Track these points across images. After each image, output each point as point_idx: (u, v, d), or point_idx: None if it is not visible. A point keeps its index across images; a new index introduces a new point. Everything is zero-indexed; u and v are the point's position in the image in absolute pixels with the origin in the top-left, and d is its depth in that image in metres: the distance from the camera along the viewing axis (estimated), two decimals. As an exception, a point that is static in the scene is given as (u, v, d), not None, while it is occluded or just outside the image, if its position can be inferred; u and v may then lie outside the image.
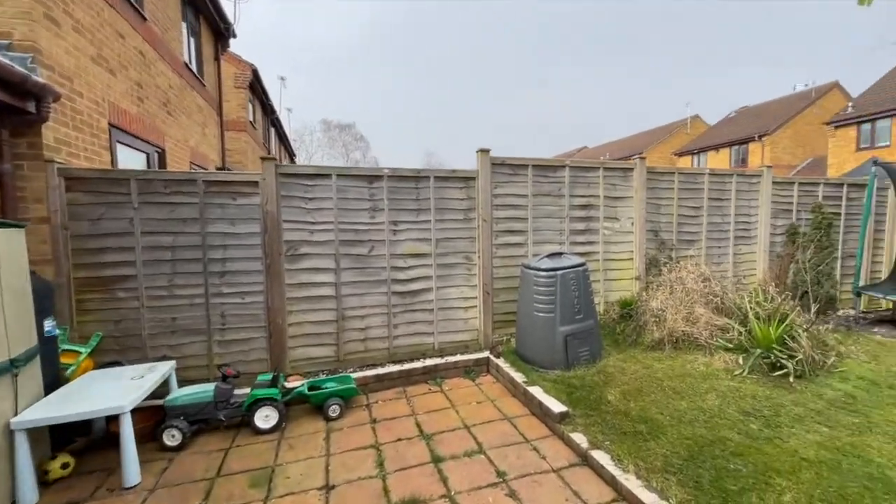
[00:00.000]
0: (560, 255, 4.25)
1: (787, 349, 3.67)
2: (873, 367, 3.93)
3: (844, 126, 18.10)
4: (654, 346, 4.32)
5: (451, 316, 4.68)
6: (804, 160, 22.67)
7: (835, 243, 6.22)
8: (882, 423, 2.92)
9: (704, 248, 5.86)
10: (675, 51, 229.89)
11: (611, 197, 5.33)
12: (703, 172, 5.85)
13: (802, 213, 6.39)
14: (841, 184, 6.61)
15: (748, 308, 4.11)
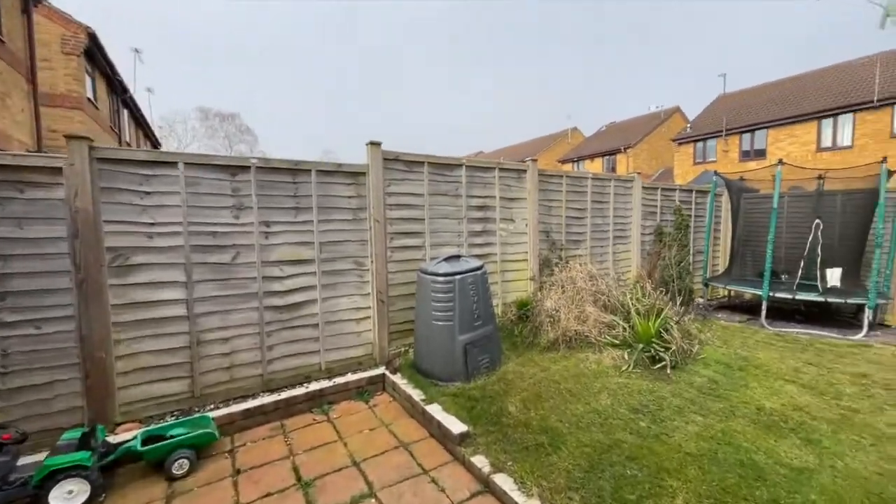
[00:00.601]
0: (458, 258, 3.99)
1: (663, 342, 3.95)
2: (724, 350, 4.47)
3: (685, 143, 21.79)
4: (549, 347, 4.34)
5: (341, 329, 4.12)
6: (657, 170, 26.78)
7: (691, 241, 7.16)
8: (740, 405, 3.22)
9: (589, 247, 6.23)
10: (560, 64, 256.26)
11: (506, 198, 5.30)
12: (587, 176, 6.21)
13: (665, 216, 7.24)
14: (690, 190, 7.67)
15: (630, 305, 4.37)
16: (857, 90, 16.15)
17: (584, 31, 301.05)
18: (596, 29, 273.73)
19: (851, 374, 3.87)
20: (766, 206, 7.05)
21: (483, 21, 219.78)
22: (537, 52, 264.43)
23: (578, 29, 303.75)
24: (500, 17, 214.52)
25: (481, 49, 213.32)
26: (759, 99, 20.25)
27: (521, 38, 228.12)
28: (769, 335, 5.26)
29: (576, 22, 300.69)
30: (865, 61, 17.51)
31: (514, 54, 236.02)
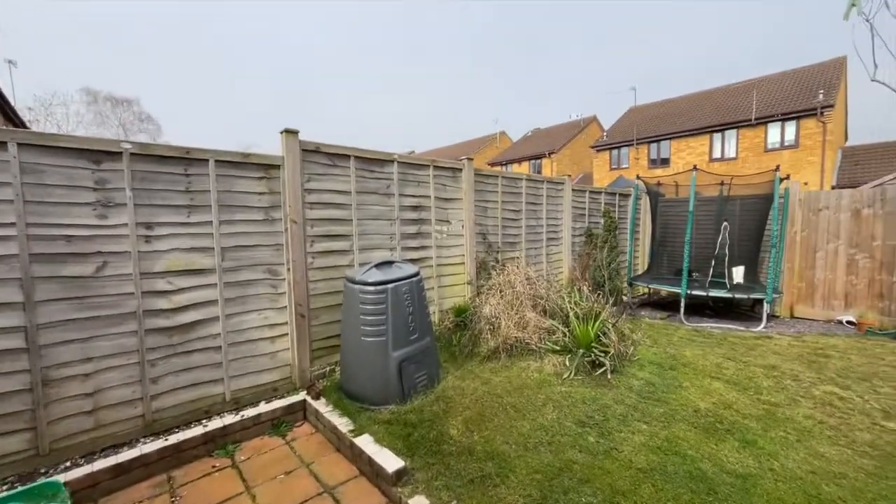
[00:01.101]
0: (391, 263, 3.56)
1: (602, 346, 3.89)
2: (655, 350, 4.59)
3: (602, 150, 23.46)
4: (490, 356, 4.09)
5: (252, 350, 3.46)
6: (578, 175, 28.56)
7: (619, 243, 7.45)
8: (678, 408, 3.22)
9: (524, 249, 6.15)
10: (490, 68, 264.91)
11: (442, 198, 4.97)
12: (521, 178, 6.13)
13: (593, 218, 7.47)
14: (614, 193, 8.02)
15: (569, 308, 4.29)
16: (739, 109, 18.56)
17: (516, 35, 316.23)
18: (526, 35, 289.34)
19: (763, 367, 4.14)
20: (678, 210, 7.59)
21: (422, 22, 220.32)
22: (469, 55, 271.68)
23: (509, 34, 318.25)
24: (441, 19, 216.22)
25: (415, 50, 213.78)
26: (663, 112, 22.47)
27: (453, 40, 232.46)
28: (689, 331, 5.57)
29: (507, 28, 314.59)
30: (745, 85, 20.24)
31: (448, 57, 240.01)
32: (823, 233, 6.63)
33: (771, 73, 20.21)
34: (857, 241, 6.38)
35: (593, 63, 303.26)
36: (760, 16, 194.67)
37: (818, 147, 16.14)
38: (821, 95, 16.29)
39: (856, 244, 6.39)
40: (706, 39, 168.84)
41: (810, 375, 3.93)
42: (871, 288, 6.29)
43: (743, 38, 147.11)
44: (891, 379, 3.86)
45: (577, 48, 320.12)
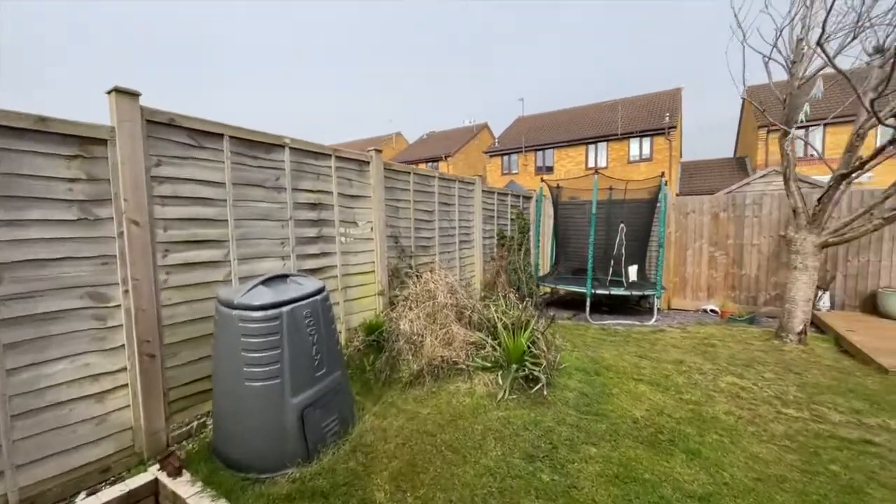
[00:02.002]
0: (285, 278, 2.71)
1: (533, 358, 3.58)
2: (577, 354, 4.50)
3: (495, 156, 24.58)
4: (412, 381, 3.47)
5: (61, 419, 2.28)
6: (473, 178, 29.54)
7: (532, 245, 7.44)
8: (618, 421, 3.03)
9: (438, 253, 5.68)
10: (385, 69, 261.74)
11: (347, 195, 4.20)
12: (434, 175, 5.64)
13: (502, 220, 7.37)
14: (518, 196, 8.09)
15: (496, 319, 3.91)
16: (608, 125, 21.11)
17: (413, 39, 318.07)
18: (422, 39, 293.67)
19: (671, 363, 4.32)
20: (576, 212, 7.96)
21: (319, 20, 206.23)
22: (363, 54, 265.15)
23: (407, 37, 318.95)
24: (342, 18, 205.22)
25: (311, 48, 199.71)
26: (547, 123, 24.49)
27: (345, 38, 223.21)
28: (597, 330, 5.72)
29: (405, 31, 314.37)
30: (612, 104, 23.16)
31: (341, 54, 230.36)
32: (692, 233, 7.54)
33: (631, 96, 23.50)
34: (716, 239, 7.38)
35: (481, 72, 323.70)
36: (615, 47, 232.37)
37: (667, 160, 19.15)
38: (667, 118, 19.38)
39: (715, 242, 7.39)
40: (586, 61, 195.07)
41: (710, 367, 4.20)
42: (727, 280, 7.33)
43: (612, 63, 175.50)
44: (767, 363, 4.33)
45: (467, 59, 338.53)
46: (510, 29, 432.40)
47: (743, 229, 7.12)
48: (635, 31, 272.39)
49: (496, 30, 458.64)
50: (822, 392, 3.58)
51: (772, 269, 6.94)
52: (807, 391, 3.60)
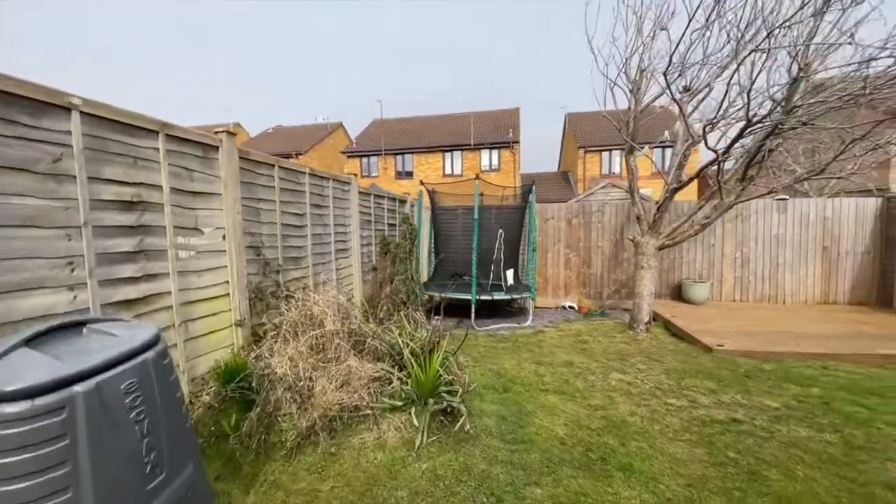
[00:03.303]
0: (79, 327, 1.58)
1: (448, 385, 3.10)
2: (480, 369, 4.22)
3: (353, 157, 23.49)
4: (302, 444, 2.59)
5: None
6: (328, 180, 27.71)
7: (418, 252, 6.91)
8: (547, 446, 2.79)
9: (311, 265, 4.71)
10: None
11: (186, 192, 2.99)
12: (304, 171, 4.66)
13: (379, 224, 6.71)
14: (395, 198, 7.56)
15: (402, 344, 3.28)
16: (462, 135, 22.38)
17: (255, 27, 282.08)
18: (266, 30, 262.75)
19: (564, 365, 4.43)
20: (451, 217, 7.87)
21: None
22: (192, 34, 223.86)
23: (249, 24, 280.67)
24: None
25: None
26: (404, 128, 24.61)
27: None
28: (486, 338, 5.62)
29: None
30: (465, 116, 24.70)
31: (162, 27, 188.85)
32: (552, 237, 8.26)
33: (481, 110, 25.50)
34: (570, 243, 8.24)
35: (331, 71, 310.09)
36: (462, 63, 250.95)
37: (512, 171, 21.33)
38: (511, 133, 21.61)
39: (569, 245, 8.25)
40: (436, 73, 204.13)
41: (595, 365, 4.44)
42: (579, 278, 8.26)
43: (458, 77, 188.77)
44: (633, 354, 4.84)
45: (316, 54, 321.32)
46: (361, 29, 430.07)
47: (591, 233, 8.12)
48: (477, 50, 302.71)
49: (346, 29, 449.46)
50: (682, 377, 4.10)
51: (612, 268, 8.09)
52: (673, 378, 4.07)
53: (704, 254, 7.83)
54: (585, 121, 24.12)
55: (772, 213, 7.59)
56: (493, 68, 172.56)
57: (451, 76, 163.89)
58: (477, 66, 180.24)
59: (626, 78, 5.70)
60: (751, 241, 7.68)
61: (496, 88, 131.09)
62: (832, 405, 3.45)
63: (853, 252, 7.38)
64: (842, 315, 6.54)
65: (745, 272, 7.73)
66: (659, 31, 4.93)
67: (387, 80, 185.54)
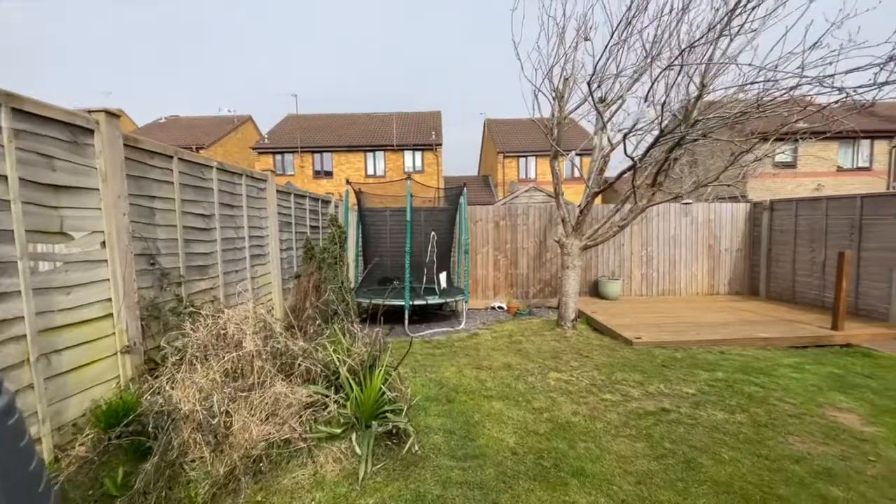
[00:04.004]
0: None
1: (391, 403, 2.82)
2: (421, 380, 3.99)
3: (265, 154, 21.64)
4: (218, 495, 2.11)
5: None
6: (235, 178, 25.16)
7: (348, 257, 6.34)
8: (499, 459, 2.67)
9: (222, 274, 4.07)
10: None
11: (43, 184, 2.32)
12: (212, 165, 4.01)
13: (300, 227, 6.11)
14: (318, 199, 6.99)
15: (337, 362, 2.91)
16: (385, 135, 21.90)
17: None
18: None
19: (503, 368, 4.39)
20: (379, 219, 7.53)
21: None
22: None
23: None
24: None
25: None
26: (322, 126, 23.35)
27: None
28: (421, 344, 5.40)
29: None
30: (388, 116, 24.22)
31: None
32: (480, 239, 8.34)
33: (404, 111, 25.19)
34: (498, 245, 8.39)
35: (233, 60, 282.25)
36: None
37: (435, 173, 21.41)
38: (433, 135, 21.71)
39: (497, 247, 8.40)
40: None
41: (532, 366, 4.48)
42: (507, 279, 8.45)
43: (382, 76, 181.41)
44: (565, 352, 5.00)
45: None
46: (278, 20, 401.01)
47: (517, 235, 8.36)
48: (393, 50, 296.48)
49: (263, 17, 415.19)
50: (611, 371, 4.31)
51: (536, 268, 8.42)
52: (604, 373, 4.26)
53: (616, 253, 8.52)
54: (504, 127, 25.21)
55: (669, 216, 8.53)
56: (412, 69, 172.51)
57: (370, 75, 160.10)
58: (394, 65, 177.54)
59: (551, 85, 5.93)
60: (653, 242, 8.55)
61: (415, 90, 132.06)
62: (735, 387, 3.86)
63: (731, 249, 8.61)
64: (726, 304, 7.55)
65: (650, 269, 8.58)
66: (583, 41, 5.18)
67: (300, 74, 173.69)
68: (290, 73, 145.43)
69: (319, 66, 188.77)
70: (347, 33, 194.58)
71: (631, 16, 5.00)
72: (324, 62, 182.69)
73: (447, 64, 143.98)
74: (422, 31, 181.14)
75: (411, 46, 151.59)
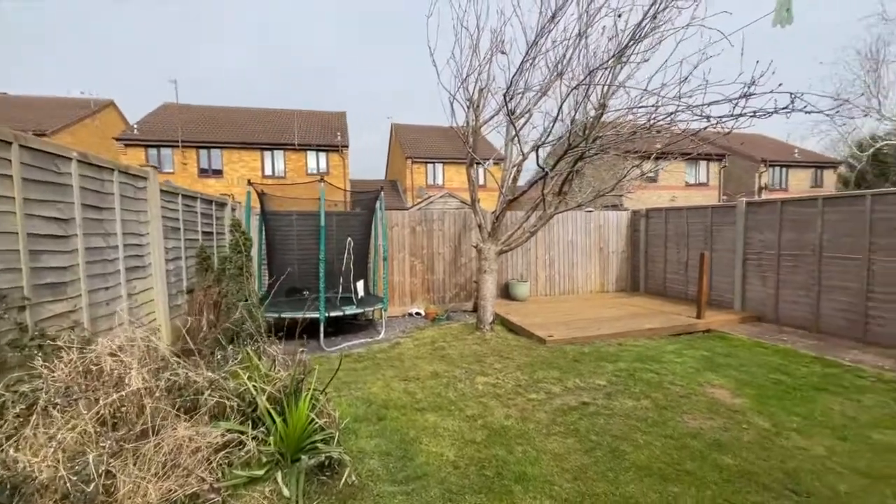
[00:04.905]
0: None
1: (322, 431, 2.51)
2: (347, 399, 3.68)
3: (134, 146, 18.41)
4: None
5: None
6: (92, 174, 20.96)
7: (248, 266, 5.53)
8: (440, 474, 2.55)
9: (86, 293, 3.26)
10: None
11: None
12: (70, 156, 3.20)
13: (190, 233, 5.25)
14: (211, 201, 6.11)
15: (254, 391, 2.48)
16: (285, 133, 20.33)
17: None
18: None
19: (430, 377, 4.30)
20: (285, 224, 6.89)
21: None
22: None
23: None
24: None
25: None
26: (208, 118, 20.77)
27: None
28: (341, 359, 5.03)
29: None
30: (288, 113, 22.52)
31: None
32: (397, 245, 8.15)
33: (306, 109, 23.68)
34: (414, 250, 8.31)
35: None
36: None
37: (342, 176, 20.54)
38: (339, 136, 20.83)
39: (413, 253, 8.31)
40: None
41: (459, 372, 4.47)
42: (423, 285, 8.41)
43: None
44: (488, 355, 5.10)
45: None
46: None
47: (433, 241, 8.38)
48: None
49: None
50: (533, 370, 4.51)
51: (452, 273, 8.53)
52: (526, 372, 4.43)
53: (523, 257, 9.07)
54: (412, 132, 25.31)
55: (567, 223, 9.37)
56: (315, 67, 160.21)
57: (267, 70, 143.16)
58: (296, 60, 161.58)
59: (466, 94, 6.07)
60: (555, 246, 9.31)
61: (316, 88, 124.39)
62: (636, 375, 4.33)
63: (617, 252, 9.80)
64: (616, 300, 8.54)
65: (552, 271, 9.31)
66: (499, 54, 5.40)
67: (179, 57, 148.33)
68: (169, 57, 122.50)
69: (210, 54, 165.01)
70: (242, 20, 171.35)
71: (537, 37, 5.36)
72: (212, 48, 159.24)
73: (351, 65, 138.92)
74: (322, 30, 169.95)
75: (308, 45, 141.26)
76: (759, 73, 3.91)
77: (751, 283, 7.03)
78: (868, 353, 5.01)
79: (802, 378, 4.19)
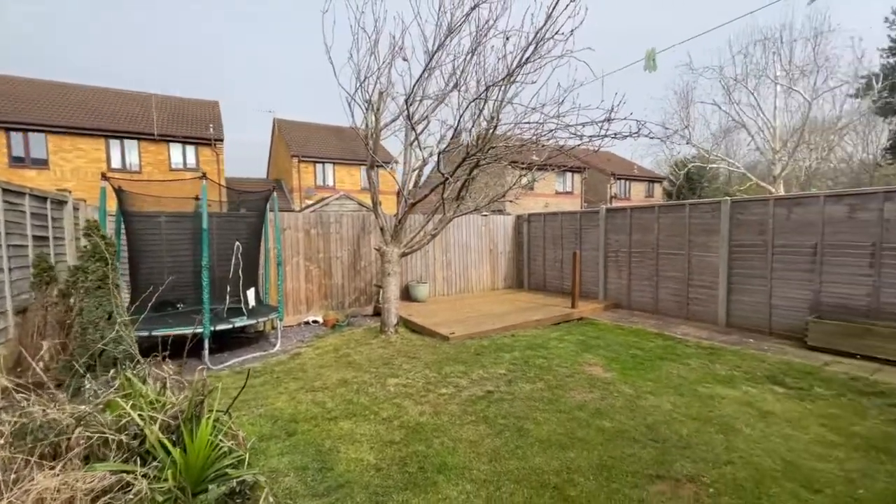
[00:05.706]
0: None
1: (232, 456, 2.27)
2: (248, 418, 3.33)
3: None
4: None
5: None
6: None
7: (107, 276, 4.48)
8: (363, 479, 2.53)
9: None
10: None
11: None
12: None
13: (12, 239, 4.15)
14: (45, 198, 4.92)
15: (142, 421, 2.09)
16: (139, 120, 17.22)
17: None
18: None
19: (340, 384, 4.16)
20: (152, 227, 5.94)
21: None
22: None
23: None
24: None
25: None
26: (27, 93, 16.48)
27: None
28: (234, 377, 4.53)
29: None
30: (144, 95, 19.06)
31: None
32: (290, 249, 7.63)
33: (168, 94, 20.37)
34: (309, 254, 7.88)
35: None
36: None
37: (216, 173, 18.24)
38: (212, 129, 18.49)
39: (309, 257, 7.88)
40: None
41: (368, 377, 4.42)
42: (321, 290, 8.03)
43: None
44: (396, 357, 5.14)
45: None
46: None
47: (330, 244, 8.06)
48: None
49: None
50: (440, 366, 4.71)
51: (352, 277, 8.33)
52: (434, 370, 4.61)
53: (422, 259, 9.31)
54: (299, 130, 23.79)
55: (462, 226, 9.92)
56: (189, 45, 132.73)
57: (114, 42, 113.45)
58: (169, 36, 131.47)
59: (364, 95, 6.03)
60: (451, 248, 9.77)
61: (192, 69, 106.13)
62: (529, 362, 4.85)
63: (504, 252, 10.71)
64: (506, 297, 9.35)
65: (450, 272, 9.75)
66: (401, 60, 5.49)
67: None
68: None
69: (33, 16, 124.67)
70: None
71: (435, 49, 5.63)
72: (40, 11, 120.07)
73: (227, 52, 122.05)
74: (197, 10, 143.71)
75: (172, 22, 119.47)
76: (618, 101, 4.77)
77: (611, 277, 8.41)
78: (691, 326, 6.45)
79: (650, 351, 5.21)
